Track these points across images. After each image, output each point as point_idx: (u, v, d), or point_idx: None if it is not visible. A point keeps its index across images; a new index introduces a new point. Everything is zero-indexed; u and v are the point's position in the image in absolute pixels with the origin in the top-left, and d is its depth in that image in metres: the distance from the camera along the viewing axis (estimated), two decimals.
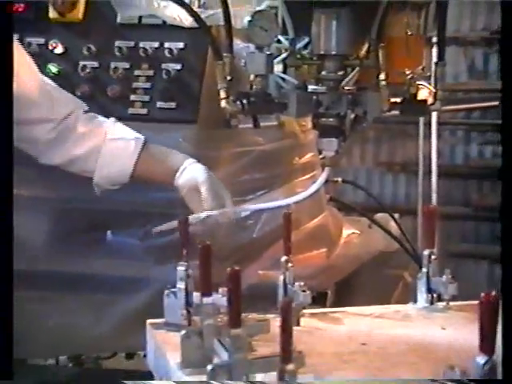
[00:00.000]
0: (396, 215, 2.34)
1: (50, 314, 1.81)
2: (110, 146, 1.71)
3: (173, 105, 1.87)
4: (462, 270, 3.48)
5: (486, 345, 0.98)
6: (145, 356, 1.50)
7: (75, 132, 1.71)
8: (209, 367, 1.11)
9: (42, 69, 1.83)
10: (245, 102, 1.64)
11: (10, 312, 1.21)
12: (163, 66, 1.89)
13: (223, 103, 1.65)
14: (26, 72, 1.70)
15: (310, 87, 1.66)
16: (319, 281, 1.85)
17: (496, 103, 3.37)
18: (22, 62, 1.70)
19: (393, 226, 2.24)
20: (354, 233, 2.08)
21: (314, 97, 1.66)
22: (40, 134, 1.70)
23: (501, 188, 1.17)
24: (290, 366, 1.00)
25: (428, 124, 3.17)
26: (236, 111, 1.65)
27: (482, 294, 0.99)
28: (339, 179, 2.23)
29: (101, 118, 1.75)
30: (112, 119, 1.75)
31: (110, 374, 2.06)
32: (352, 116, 1.68)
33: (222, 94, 1.66)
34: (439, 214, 2.70)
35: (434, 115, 3.06)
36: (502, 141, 1.23)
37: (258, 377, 1.12)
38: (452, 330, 1.43)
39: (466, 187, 3.65)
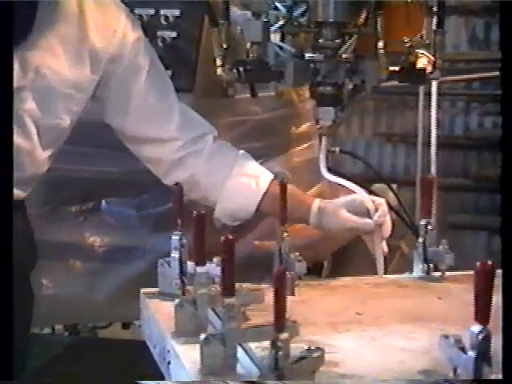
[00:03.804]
0: (394, 186, 2.32)
1: (45, 283, 1.81)
2: (235, 182, 1.62)
3: (168, 73, 1.84)
4: (461, 241, 3.47)
5: (481, 314, 0.98)
6: (140, 326, 1.50)
7: (202, 160, 1.63)
8: (202, 336, 1.11)
9: None
10: (241, 69, 1.62)
11: (9, 312, 1.20)
12: (159, 33, 1.87)
13: (219, 71, 1.62)
14: (159, 87, 1.63)
15: (308, 55, 1.64)
16: (315, 251, 1.84)
17: (497, 73, 3.34)
18: (157, 79, 1.63)
19: (390, 197, 2.23)
20: None
21: (312, 65, 1.63)
22: (165, 154, 1.63)
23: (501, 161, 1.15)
24: (284, 335, 1.00)
25: (428, 95, 3.14)
26: (232, 79, 1.63)
27: (478, 264, 0.98)
28: (337, 149, 2.21)
29: (230, 149, 1.67)
30: (241, 152, 1.67)
31: (106, 344, 2.07)
32: (350, 86, 1.66)
33: (218, 62, 1.63)
34: (438, 184, 2.69)
35: (434, 85, 3.03)
36: (502, 111, 1.20)
37: (252, 346, 1.12)
38: (447, 299, 1.43)
39: (465, 158, 3.64)
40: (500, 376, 0.95)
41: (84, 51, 1.53)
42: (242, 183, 1.63)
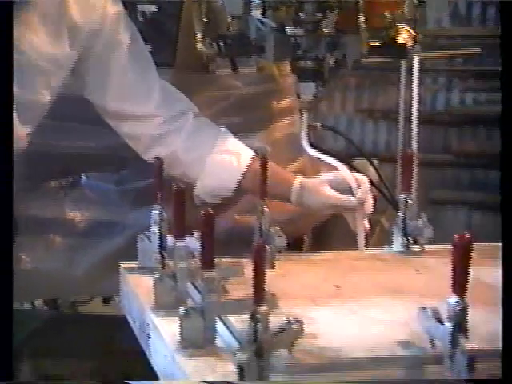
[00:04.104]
0: (375, 161, 2.33)
1: (24, 258, 1.80)
2: (216, 159, 1.61)
3: (148, 48, 1.83)
4: (442, 216, 3.49)
5: (458, 286, 0.99)
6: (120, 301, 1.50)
7: (183, 136, 1.61)
8: (181, 309, 1.11)
9: None
10: (221, 44, 1.61)
11: (9, 312, 1.19)
12: (139, 7, 1.85)
13: (199, 45, 1.62)
14: (140, 63, 1.61)
15: (288, 29, 1.63)
16: (296, 226, 1.84)
17: (478, 50, 3.34)
18: (137, 55, 1.61)
19: (371, 172, 2.24)
20: None
21: (293, 39, 1.63)
22: (145, 131, 1.61)
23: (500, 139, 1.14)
24: (263, 308, 1.00)
25: (410, 71, 3.14)
26: (212, 53, 1.63)
27: (456, 236, 0.99)
28: (318, 124, 2.21)
29: (210, 126, 1.66)
30: (222, 129, 1.66)
31: (87, 318, 2.07)
32: (332, 61, 1.66)
33: (199, 36, 1.63)
34: (419, 160, 2.70)
35: (416, 61, 3.03)
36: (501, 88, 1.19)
37: (231, 319, 1.12)
38: (426, 272, 1.44)
39: (446, 134, 3.65)
40: (475, 346, 0.96)
41: (63, 26, 1.52)
42: (223, 160, 1.62)
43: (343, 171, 1.61)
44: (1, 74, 1.33)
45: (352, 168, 2.15)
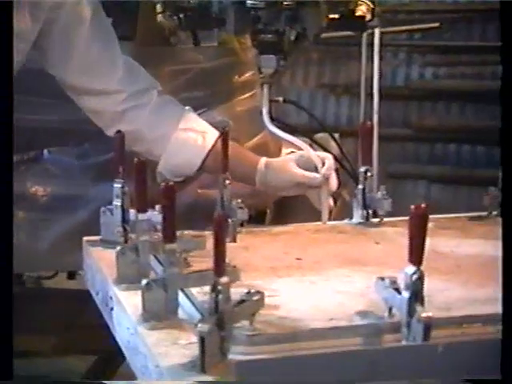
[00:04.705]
0: (336, 135, 2.35)
1: None
2: (182, 136, 1.61)
3: (109, 21, 1.82)
4: (401, 190, 3.53)
5: (415, 256, 1.01)
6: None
7: (147, 113, 1.61)
8: (143, 281, 1.12)
9: None
10: (182, 16, 1.61)
11: (9, 312, 1.19)
12: None
13: (159, 17, 1.61)
14: (103, 38, 1.60)
15: (249, 2, 1.63)
16: (258, 199, 1.86)
17: (437, 24, 3.37)
18: (100, 30, 1.60)
19: (333, 147, 2.26)
20: (292, 152, 2.09)
21: (253, 12, 1.63)
22: (108, 106, 1.61)
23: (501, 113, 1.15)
24: (224, 279, 1.01)
25: (371, 45, 3.15)
26: (173, 26, 1.62)
27: (412, 207, 1.01)
28: (281, 99, 2.22)
29: (174, 103, 1.65)
30: (187, 107, 1.66)
31: (51, 293, 2.06)
32: (293, 34, 1.66)
33: (159, 9, 1.62)
34: (380, 135, 2.72)
35: (377, 36, 3.05)
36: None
37: (193, 291, 1.14)
38: (385, 244, 1.47)
39: (406, 109, 3.68)
40: (430, 314, 0.99)
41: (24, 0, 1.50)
42: (189, 138, 1.62)
43: (306, 149, 1.62)
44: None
45: (314, 143, 2.18)
